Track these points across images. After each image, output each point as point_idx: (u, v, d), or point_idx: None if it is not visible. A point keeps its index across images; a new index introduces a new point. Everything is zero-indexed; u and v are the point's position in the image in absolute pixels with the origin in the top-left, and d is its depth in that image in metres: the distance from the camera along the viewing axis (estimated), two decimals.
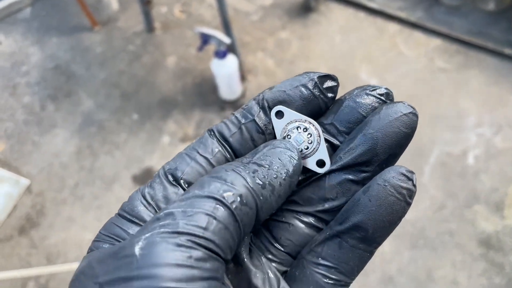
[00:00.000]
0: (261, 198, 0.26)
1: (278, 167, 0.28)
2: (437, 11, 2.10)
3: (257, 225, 0.27)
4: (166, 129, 1.86)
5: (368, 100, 0.30)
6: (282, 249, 0.31)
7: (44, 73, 2.09)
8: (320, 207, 0.30)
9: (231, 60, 1.74)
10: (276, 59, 2.04)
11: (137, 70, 2.07)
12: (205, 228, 0.23)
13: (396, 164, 0.30)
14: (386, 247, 1.51)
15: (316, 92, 0.31)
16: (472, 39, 1.96)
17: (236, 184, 0.25)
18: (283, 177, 0.28)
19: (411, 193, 0.27)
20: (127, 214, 0.28)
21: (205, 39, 1.68)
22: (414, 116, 0.29)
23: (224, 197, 0.24)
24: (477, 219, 1.54)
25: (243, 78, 1.94)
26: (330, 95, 0.31)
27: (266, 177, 0.27)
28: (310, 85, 0.30)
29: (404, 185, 0.27)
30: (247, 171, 0.27)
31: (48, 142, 1.87)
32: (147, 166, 1.77)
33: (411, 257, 1.49)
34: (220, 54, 1.69)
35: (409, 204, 0.27)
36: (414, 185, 0.27)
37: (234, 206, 0.24)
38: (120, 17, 2.29)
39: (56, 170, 1.78)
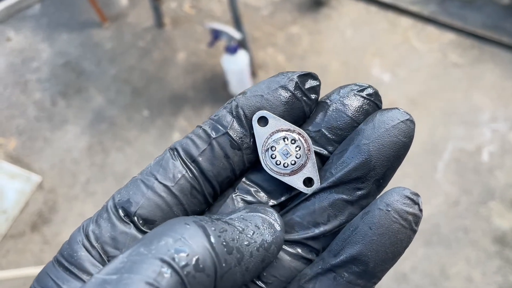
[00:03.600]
0: (223, 265, 0.20)
1: (253, 234, 0.23)
2: (451, 4, 2.07)
3: None
4: (176, 125, 1.86)
5: (357, 102, 0.27)
6: (265, 287, 0.26)
7: (54, 69, 2.09)
8: (309, 233, 0.26)
9: (242, 55, 1.73)
10: (287, 54, 2.03)
11: (147, 66, 2.06)
12: None
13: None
14: None
15: (298, 94, 0.26)
16: (486, 33, 1.93)
17: (193, 242, 0.20)
18: (257, 247, 0.22)
19: (417, 220, 0.24)
20: (65, 260, 0.24)
21: (216, 35, 1.67)
22: (411, 123, 0.25)
23: (174, 259, 0.19)
24: (492, 216, 1.52)
25: (253, 73, 1.93)
26: (313, 96, 0.27)
27: (236, 241, 0.22)
28: (290, 87, 0.26)
29: (410, 210, 0.23)
30: (213, 228, 0.21)
31: (60, 138, 1.87)
32: None
33: (425, 254, 1.47)
34: (231, 50, 1.68)
35: (414, 232, 0.24)
36: (421, 210, 0.24)
37: (185, 271, 0.19)
38: (129, 12, 2.28)
39: (67, 166, 1.79)
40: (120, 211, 0.25)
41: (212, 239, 0.20)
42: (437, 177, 1.61)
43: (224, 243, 0.21)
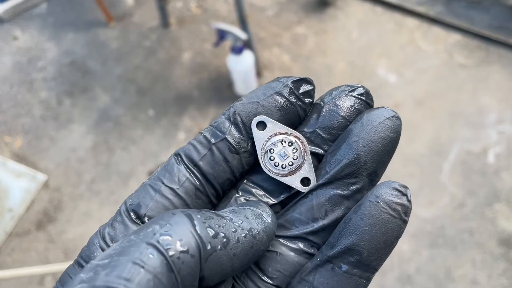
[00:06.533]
0: (208, 247, 0.22)
1: (241, 223, 0.24)
2: (457, 5, 2.06)
3: (206, 284, 0.22)
4: (181, 125, 1.86)
5: (349, 102, 0.28)
6: (270, 282, 0.27)
7: (60, 68, 2.10)
8: (309, 228, 0.27)
9: (247, 56, 1.73)
10: (292, 54, 2.02)
11: (152, 65, 2.06)
12: (128, 280, 0.19)
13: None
14: (404, 246, 1.49)
15: (293, 99, 0.28)
16: (493, 34, 1.92)
17: (178, 227, 0.21)
18: (244, 234, 0.24)
19: (406, 210, 0.25)
20: (83, 261, 0.26)
21: (222, 35, 1.67)
22: (397, 120, 0.27)
23: (159, 241, 0.21)
24: (498, 218, 1.51)
25: (258, 74, 1.93)
26: (307, 100, 0.28)
27: (222, 227, 0.23)
28: (285, 92, 0.28)
29: (398, 200, 0.25)
30: (199, 216, 0.23)
31: (65, 137, 1.88)
32: (163, 162, 1.76)
33: (430, 255, 1.47)
34: (237, 50, 1.68)
35: (405, 222, 0.25)
36: (409, 201, 0.25)
37: (170, 253, 0.20)
38: (135, 12, 2.29)
39: (72, 165, 1.79)
40: (132, 214, 0.27)
41: (196, 224, 0.22)
42: (442, 178, 1.61)
43: (208, 228, 0.22)
